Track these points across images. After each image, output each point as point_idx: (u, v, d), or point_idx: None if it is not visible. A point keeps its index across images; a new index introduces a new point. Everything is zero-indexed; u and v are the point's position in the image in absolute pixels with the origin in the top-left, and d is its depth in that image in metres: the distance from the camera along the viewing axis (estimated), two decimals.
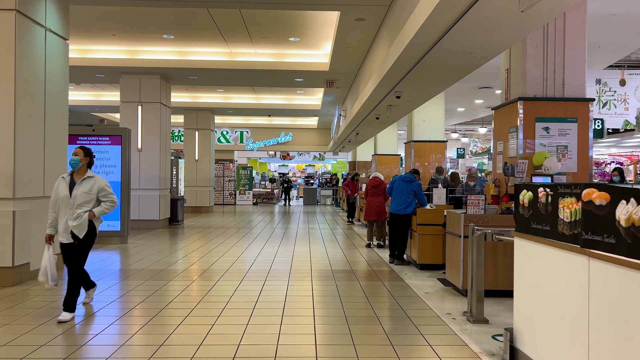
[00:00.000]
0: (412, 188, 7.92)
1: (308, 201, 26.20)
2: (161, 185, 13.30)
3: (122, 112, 13.22)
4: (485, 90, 14.88)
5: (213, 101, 19.08)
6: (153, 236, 11.52)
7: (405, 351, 4.01)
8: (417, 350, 4.09)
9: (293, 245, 10.11)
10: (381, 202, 9.86)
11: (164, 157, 13.57)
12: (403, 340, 4.28)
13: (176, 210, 14.30)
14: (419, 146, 13.30)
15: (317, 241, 10.87)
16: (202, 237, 11.49)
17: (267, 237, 11.58)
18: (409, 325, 4.70)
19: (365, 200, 10.32)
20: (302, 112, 20.37)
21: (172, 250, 9.54)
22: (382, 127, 14.33)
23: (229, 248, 9.72)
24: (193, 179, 19.66)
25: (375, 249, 9.83)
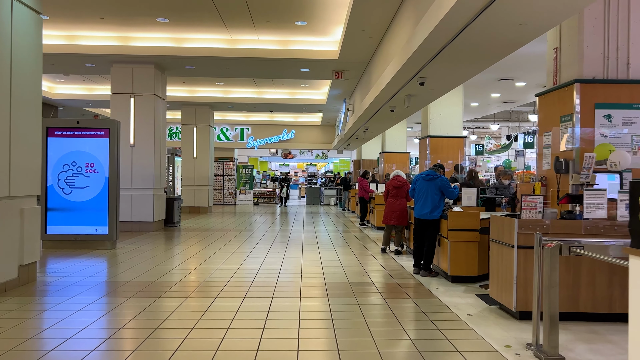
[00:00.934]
0: (437, 185, 6.86)
1: (311, 201, 25.16)
2: (155, 184, 12.25)
3: (113, 104, 12.17)
4: (504, 82, 13.84)
5: (212, 95, 18.02)
6: (146, 240, 10.46)
7: None
8: None
9: (300, 252, 9.06)
10: (403, 204, 8.81)
11: (159, 153, 12.51)
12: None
13: (172, 211, 13.25)
14: (435, 142, 12.25)
15: (327, 246, 9.82)
16: (200, 242, 10.44)
17: (271, 241, 10.53)
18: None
19: (385, 202, 9.25)
20: (306, 108, 19.32)
21: (165, 257, 8.49)
22: (395, 121, 13.28)
23: (229, 254, 8.67)
24: (191, 178, 18.60)
25: (392, 255, 8.78)
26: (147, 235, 11.34)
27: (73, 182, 9.04)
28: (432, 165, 7.13)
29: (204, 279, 6.61)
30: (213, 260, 8.14)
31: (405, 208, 8.86)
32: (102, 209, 9.05)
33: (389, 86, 8.61)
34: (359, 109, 13.26)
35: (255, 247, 9.64)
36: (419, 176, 7.13)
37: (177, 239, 11.02)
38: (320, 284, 6.35)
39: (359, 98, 14.13)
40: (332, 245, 9.94)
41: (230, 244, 9.96)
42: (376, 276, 6.90)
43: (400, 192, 8.87)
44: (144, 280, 6.48)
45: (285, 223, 14.78)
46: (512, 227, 4.76)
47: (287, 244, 10.01)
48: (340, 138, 18.72)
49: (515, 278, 4.70)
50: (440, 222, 6.86)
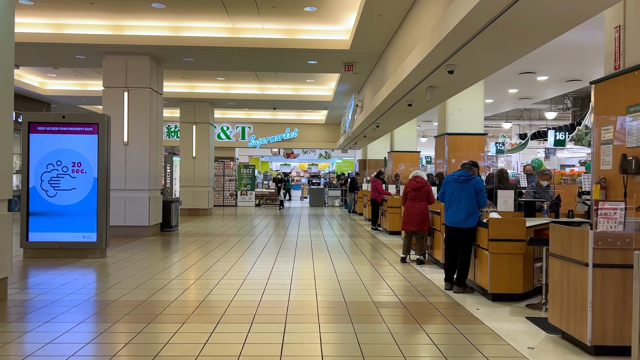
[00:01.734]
0: (472, 187, 5.94)
1: (315, 202, 24.24)
2: (151, 186, 11.33)
3: (105, 99, 11.25)
4: (525, 76, 12.92)
5: (212, 91, 17.11)
6: (140, 247, 9.54)
7: None
8: None
9: (311, 261, 8.14)
10: (424, 208, 7.90)
11: (155, 152, 11.59)
12: None
13: (169, 214, 12.33)
14: (453, 140, 11.32)
15: (339, 254, 8.90)
16: (199, 249, 9.52)
17: (277, 248, 9.62)
18: None
19: (403, 205, 8.32)
20: (310, 105, 18.40)
21: (160, 268, 7.57)
22: (409, 117, 12.35)
23: (231, 265, 7.75)
24: (190, 179, 17.68)
25: (414, 265, 7.86)
26: (141, 241, 10.42)
27: (58, 184, 8.12)
28: (464, 164, 6.20)
29: (204, 297, 5.69)
30: (213, 272, 7.22)
31: (426, 212, 7.95)
32: (90, 213, 8.13)
33: (411, 76, 7.69)
34: (370, 105, 12.34)
35: (260, 255, 8.72)
36: (449, 178, 6.20)
37: (174, 245, 10.10)
38: (340, 303, 5.43)
39: (369, 93, 13.21)
40: (344, 253, 9.02)
41: (232, 252, 9.04)
42: (403, 292, 5.98)
43: (420, 194, 7.96)
44: (133, 299, 5.56)
45: (291, 227, 13.87)
46: (584, 241, 3.85)
47: (295, 252, 9.09)
48: (347, 136, 17.80)
49: (591, 304, 3.78)
50: (476, 230, 5.93)
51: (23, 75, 15.42)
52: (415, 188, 7.96)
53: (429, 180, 14.54)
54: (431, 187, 8.11)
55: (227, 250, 9.28)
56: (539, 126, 24.53)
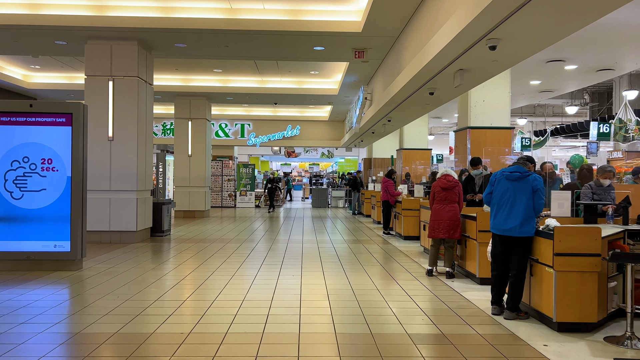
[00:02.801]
0: (530, 187, 4.76)
1: (317, 203, 23.05)
2: (139, 186, 10.14)
3: (87, 89, 10.05)
4: (552, 65, 11.72)
5: (209, 85, 15.91)
6: (124, 256, 8.36)
7: None
8: None
9: (321, 273, 6.96)
10: (455, 211, 6.72)
11: (144, 149, 10.41)
12: None
13: (160, 217, 11.14)
14: (477, 134, 10.16)
15: (353, 265, 7.72)
16: (191, 258, 8.33)
17: (280, 256, 8.43)
18: None
19: (430, 208, 7.13)
20: (314, 99, 17.19)
21: (142, 284, 6.38)
22: (426, 109, 11.15)
23: (228, 279, 6.56)
24: (185, 178, 16.50)
25: (442, 279, 6.68)
26: (127, 248, 9.23)
27: (25, 184, 6.93)
28: (518, 159, 5.01)
29: (190, 328, 4.49)
30: (206, 290, 6.03)
31: (458, 216, 6.76)
32: (63, 218, 6.94)
33: (439, 57, 6.51)
34: (382, 97, 11.16)
35: (261, 266, 7.53)
36: (499, 175, 5.00)
37: (164, 254, 8.91)
38: (366, 337, 4.24)
39: (380, 84, 12.03)
40: (358, 263, 7.83)
41: (229, 262, 7.85)
42: (441, 319, 4.79)
43: (451, 195, 6.78)
44: (104, 331, 4.37)
45: (294, 230, 12.68)
46: None
47: (302, 262, 7.90)
48: (353, 133, 16.62)
49: None
50: (533, 240, 4.75)
51: (4, 67, 14.24)
52: (445, 187, 6.79)
53: (433, 179, 13.41)
54: (461, 188, 6.92)
55: (224, 259, 8.09)
56: (552, 122, 23.38)
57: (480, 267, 6.25)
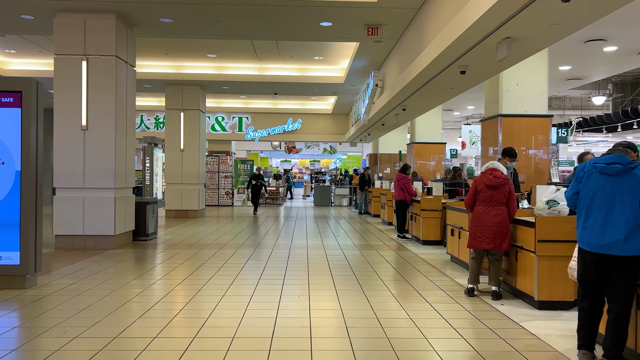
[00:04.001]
0: (637, 183, 3.37)
1: (320, 201, 21.67)
2: (119, 183, 8.75)
3: (57, 70, 8.65)
4: (589, 46, 10.34)
5: (203, 72, 14.51)
6: (94, 267, 6.97)
7: None
8: None
9: (334, 293, 5.57)
10: (503, 216, 5.35)
11: (124, 140, 9.02)
12: None
13: (145, 218, 9.76)
14: (509, 123, 8.77)
15: (371, 280, 6.34)
16: (176, 269, 6.95)
17: (282, 267, 7.05)
18: None
19: (470, 211, 5.73)
20: (318, 89, 15.76)
21: (105, 309, 4.99)
22: (450, 94, 9.71)
23: (217, 301, 5.18)
24: (177, 175, 15.11)
25: (488, 300, 5.29)
26: (102, 256, 7.84)
27: None
28: (615, 145, 3.63)
29: None
30: (187, 320, 4.65)
31: (507, 222, 5.38)
32: (10, 223, 5.54)
33: (483, 21, 5.12)
34: (397, 82, 9.77)
35: (259, 281, 6.14)
36: (588, 167, 3.60)
37: (144, 264, 7.52)
38: None
39: (395, 68, 10.64)
40: (378, 278, 6.45)
41: (221, 276, 6.47)
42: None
43: (499, 195, 5.40)
44: None
45: (297, 233, 11.29)
46: None
47: (309, 275, 6.52)
48: (361, 126, 15.21)
49: None
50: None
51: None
52: (491, 185, 5.40)
53: (453, 175, 12.00)
54: (512, 187, 5.52)
55: (215, 271, 6.70)
56: (570, 115, 21.98)
57: (539, 287, 4.87)
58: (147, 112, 21.18)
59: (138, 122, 21.20)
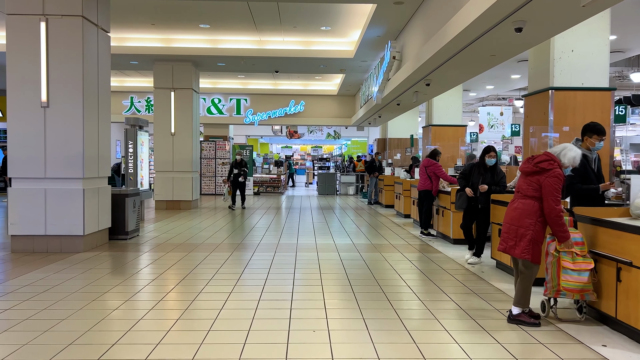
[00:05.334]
0: None
1: (324, 190, 20.16)
2: (88, 172, 7.23)
3: (9, 33, 7.06)
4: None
5: (195, 46, 12.89)
6: (55, 279, 5.46)
7: None
8: None
9: (362, 323, 4.08)
10: (524, 210, 4.17)
11: (94, 119, 7.47)
12: None
13: (124, 213, 8.24)
14: (562, 98, 7.19)
15: (408, 301, 4.87)
16: (154, 284, 5.44)
17: (289, 280, 5.56)
18: None
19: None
20: (324, 65, 14.13)
21: (64, 339, 3.48)
22: (489, 63, 7.99)
23: (200, 340, 3.68)
24: (167, 162, 13.57)
25: (550, 331, 3.80)
26: (67, 262, 6.34)
27: None
28: None
29: None
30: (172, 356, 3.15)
31: (527, 220, 4.10)
32: None
33: None
34: (423, 52, 8.17)
35: (259, 304, 4.64)
36: None
37: (114, 275, 5.99)
38: None
39: (418, 35, 9.05)
40: (415, 297, 4.95)
41: (209, 293, 4.97)
42: None
43: (524, 184, 4.21)
44: None
45: (303, 229, 9.78)
46: None
47: (323, 295, 5.02)
48: (373, 106, 13.60)
49: None
50: None
51: None
52: (524, 171, 4.14)
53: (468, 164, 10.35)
54: (561, 175, 4.05)
55: (202, 286, 5.21)
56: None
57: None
58: (137, 93, 19.58)
59: (128, 104, 19.60)
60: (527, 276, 4.12)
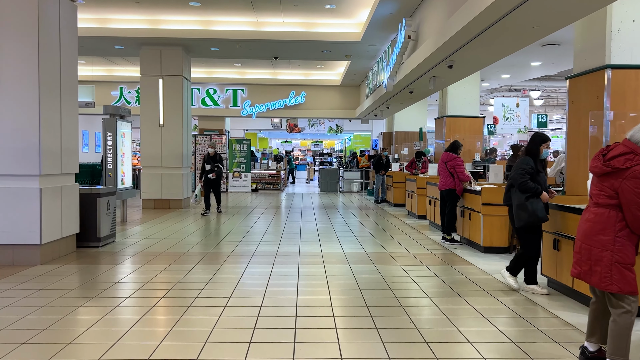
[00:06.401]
0: None
1: (326, 187, 18.91)
2: (47, 167, 5.97)
3: None
4: None
5: (185, 28, 11.62)
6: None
7: None
8: None
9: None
10: (597, 223, 3.05)
11: (57, 104, 6.21)
12: None
13: (95, 216, 6.99)
14: (621, 79, 5.94)
15: (438, 327, 3.62)
16: (112, 312, 4.18)
17: (291, 304, 4.32)
18: None
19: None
20: (329, 49, 12.83)
21: None
22: (531, 37, 6.63)
23: None
24: (155, 157, 12.31)
25: None
26: (16, 279, 5.10)
27: None
28: None
29: None
30: None
31: (601, 236, 2.96)
32: None
33: None
34: (447, 27, 6.91)
35: (252, 337, 3.40)
36: None
37: (76, 295, 4.73)
38: None
39: (440, 9, 7.78)
40: (449, 324, 3.71)
41: (188, 325, 3.73)
42: None
43: (599, 189, 2.98)
44: None
45: (306, 234, 8.53)
46: None
47: (336, 327, 3.79)
48: (382, 95, 12.32)
49: None
50: None
51: None
52: (599, 172, 2.90)
53: (514, 155, 9.12)
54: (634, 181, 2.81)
55: (176, 319, 3.96)
56: None
57: None
58: (127, 83, 18.28)
59: (117, 95, 18.31)
60: (622, 315, 2.89)
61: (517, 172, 4.86)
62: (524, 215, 4.78)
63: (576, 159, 6.38)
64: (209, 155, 11.05)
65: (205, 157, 11.14)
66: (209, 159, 11.03)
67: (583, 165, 6.39)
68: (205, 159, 11.08)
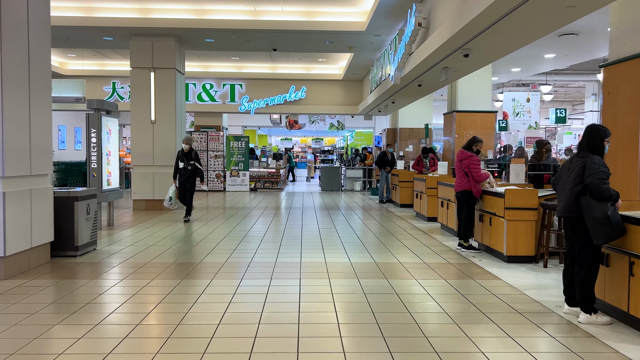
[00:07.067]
0: None
1: (328, 186, 18.15)
2: (11, 169, 5.24)
3: None
4: None
5: (178, 17, 10.84)
6: None
7: None
8: None
9: None
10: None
11: (25, 96, 5.46)
12: None
13: (72, 223, 6.24)
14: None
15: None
16: (84, 344, 3.45)
17: (291, 322, 3.58)
18: None
19: None
20: (332, 40, 12.06)
21: None
22: (565, 18, 5.83)
23: None
24: (147, 154, 11.56)
25: None
26: None
27: None
28: None
29: None
30: None
31: None
32: None
33: None
34: (468, 8, 6.15)
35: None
36: None
37: (42, 317, 3.99)
38: None
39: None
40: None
41: (173, 352, 3.01)
42: None
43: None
44: None
45: (307, 238, 7.79)
46: None
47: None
48: (388, 89, 11.55)
49: None
50: None
51: None
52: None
53: (538, 152, 8.20)
54: None
55: (159, 346, 3.23)
56: None
57: None
58: (121, 78, 17.49)
59: (110, 90, 17.54)
60: None
61: (596, 176, 3.83)
62: (608, 230, 3.75)
63: (613, 158, 5.64)
64: (183, 152, 9.56)
65: (179, 153, 9.69)
66: (182, 156, 9.56)
67: (621, 165, 5.66)
68: (179, 156, 9.63)
